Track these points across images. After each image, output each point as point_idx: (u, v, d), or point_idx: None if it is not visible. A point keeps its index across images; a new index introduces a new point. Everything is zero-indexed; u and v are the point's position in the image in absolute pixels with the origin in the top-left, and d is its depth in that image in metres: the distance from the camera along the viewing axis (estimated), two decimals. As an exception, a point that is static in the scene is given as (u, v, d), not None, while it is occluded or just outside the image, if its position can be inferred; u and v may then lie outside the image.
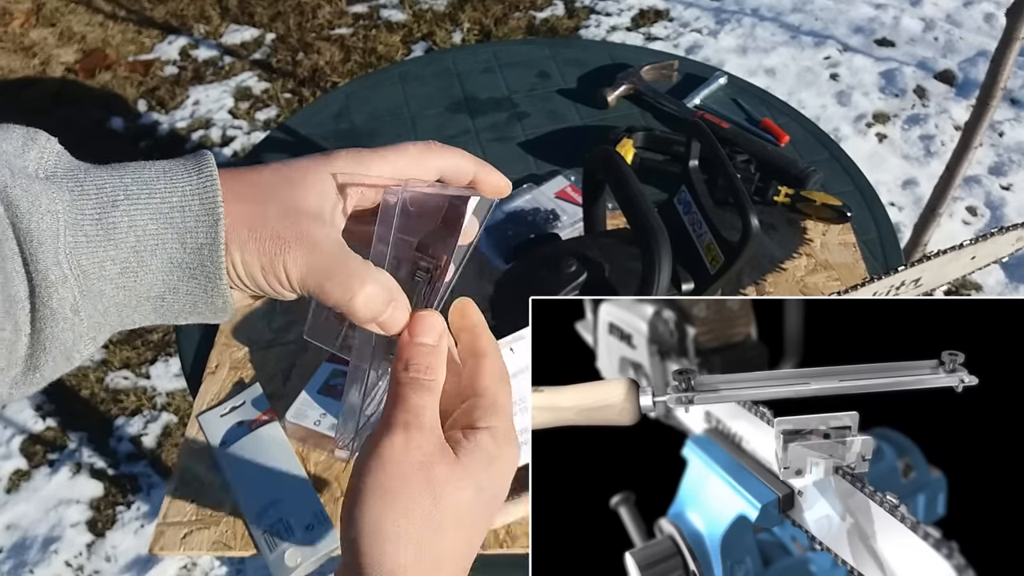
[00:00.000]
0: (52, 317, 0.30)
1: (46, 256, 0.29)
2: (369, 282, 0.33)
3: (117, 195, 0.31)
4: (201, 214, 0.32)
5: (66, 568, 1.42)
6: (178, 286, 0.33)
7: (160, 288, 0.32)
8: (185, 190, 0.32)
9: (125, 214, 0.31)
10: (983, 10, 2.47)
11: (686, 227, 0.77)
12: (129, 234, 0.31)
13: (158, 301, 0.33)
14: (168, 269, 0.32)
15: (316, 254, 0.33)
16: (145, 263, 0.31)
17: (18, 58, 2.49)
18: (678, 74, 1.19)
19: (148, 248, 0.31)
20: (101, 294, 0.31)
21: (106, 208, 0.31)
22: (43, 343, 0.31)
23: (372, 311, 0.33)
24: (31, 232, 0.29)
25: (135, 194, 0.31)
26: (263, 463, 0.74)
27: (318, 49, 2.46)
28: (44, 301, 0.30)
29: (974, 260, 0.81)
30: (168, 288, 0.32)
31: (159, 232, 0.31)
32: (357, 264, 0.33)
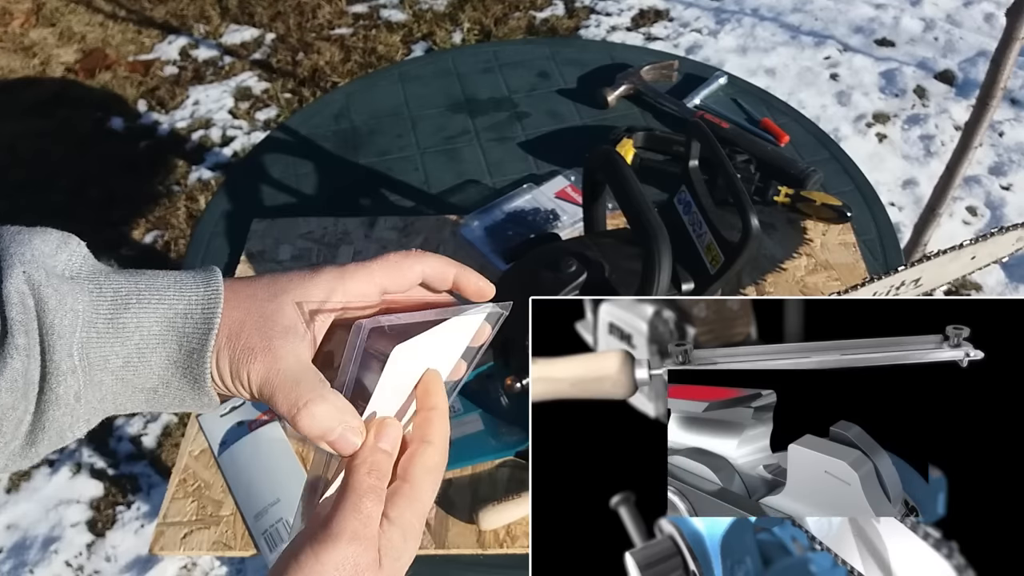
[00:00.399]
0: (56, 402, 0.34)
1: (62, 348, 0.33)
2: (318, 401, 0.35)
3: (130, 299, 0.35)
4: (200, 322, 0.35)
5: (66, 568, 1.42)
6: (171, 381, 0.36)
7: (155, 381, 0.36)
8: (191, 300, 0.36)
9: (135, 316, 0.35)
10: (983, 10, 2.47)
11: (686, 227, 0.77)
12: (135, 333, 0.35)
13: (151, 393, 0.36)
14: (165, 366, 0.36)
15: (275, 366, 0.35)
16: (146, 359, 0.35)
17: (18, 58, 2.49)
18: (678, 74, 1.19)
19: (150, 347, 0.35)
20: (101, 384, 0.35)
21: (119, 309, 0.35)
22: (44, 424, 0.34)
23: (319, 429, 0.35)
24: (53, 326, 0.33)
25: (146, 299, 0.35)
26: (263, 463, 0.74)
27: (318, 49, 2.46)
28: (52, 387, 0.33)
29: (974, 260, 0.81)
30: (162, 382, 0.36)
31: (162, 334, 0.35)
32: (310, 382, 0.35)
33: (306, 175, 1.06)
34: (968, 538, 0.39)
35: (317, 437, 0.36)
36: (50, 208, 2.03)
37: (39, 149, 2.19)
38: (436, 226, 0.96)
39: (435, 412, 0.38)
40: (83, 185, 2.09)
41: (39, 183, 2.10)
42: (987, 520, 0.40)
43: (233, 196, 1.04)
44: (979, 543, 0.36)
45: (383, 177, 1.05)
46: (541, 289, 0.66)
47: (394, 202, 1.02)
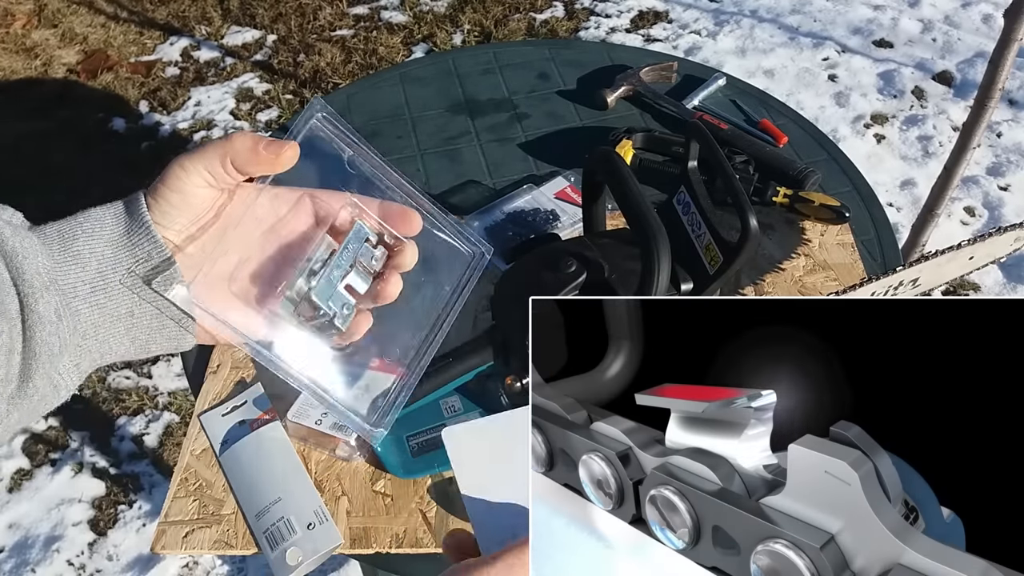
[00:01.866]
0: (40, 322, 0.35)
1: (31, 267, 0.35)
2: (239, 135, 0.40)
3: (75, 232, 0.38)
4: (141, 232, 0.38)
5: (68, 567, 1.43)
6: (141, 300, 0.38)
7: (128, 303, 0.38)
8: (126, 218, 0.39)
9: (83, 245, 0.37)
10: (981, 11, 2.47)
11: (685, 228, 0.77)
12: (91, 259, 0.37)
13: (128, 318, 0.38)
14: (128, 283, 0.38)
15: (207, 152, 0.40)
16: (108, 280, 0.38)
17: (20, 59, 2.50)
18: (677, 75, 1.19)
19: (108, 267, 0.38)
20: (78, 313, 0.37)
21: (68, 241, 0.37)
22: (33, 349, 0.35)
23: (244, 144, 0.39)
24: (16, 250, 0.35)
25: (87, 229, 0.38)
26: (264, 462, 0.74)
27: (319, 50, 2.46)
28: (32, 307, 0.35)
29: (972, 260, 0.81)
30: (133, 301, 0.38)
31: (114, 253, 0.38)
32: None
33: (307, 176, 1.07)
34: (976, 532, 0.39)
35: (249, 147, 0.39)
36: (52, 208, 2.03)
37: (41, 150, 2.19)
38: (437, 227, 0.96)
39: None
40: (85, 186, 2.09)
41: (41, 183, 2.10)
42: (987, 520, 0.40)
43: (234, 197, 1.04)
44: (980, 543, 0.37)
45: (384, 178, 1.06)
46: (541, 289, 0.66)
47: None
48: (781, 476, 0.41)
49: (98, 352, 0.38)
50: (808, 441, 0.39)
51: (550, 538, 0.47)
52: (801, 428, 0.40)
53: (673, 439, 0.47)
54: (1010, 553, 0.36)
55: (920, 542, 0.36)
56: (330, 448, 0.75)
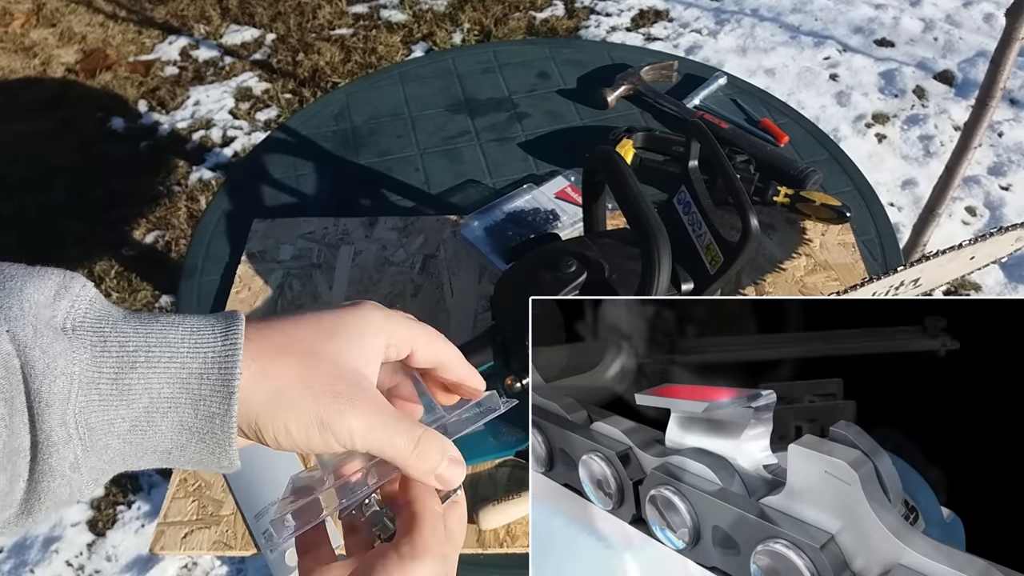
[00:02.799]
0: (50, 473, 0.31)
1: (52, 417, 0.30)
2: (428, 436, 0.35)
3: (138, 356, 0.31)
4: (218, 384, 0.31)
5: (67, 568, 1.42)
6: (186, 445, 0.33)
7: (167, 445, 0.32)
8: (207, 356, 0.32)
9: (142, 376, 0.31)
10: (982, 10, 2.47)
11: (685, 227, 0.77)
12: (143, 395, 0.31)
13: (164, 455, 0.33)
14: (178, 431, 0.32)
15: (377, 410, 0.34)
16: (155, 424, 0.32)
17: (19, 58, 2.50)
18: (678, 74, 1.19)
19: (160, 411, 0.31)
20: (107, 448, 0.31)
21: (124, 369, 0.31)
22: (39, 494, 0.31)
23: (431, 462, 0.35)
24: (41, 394, 0.30)
25: (156, 357, 0.31)
26: (263, 463, 0.74)
27: (318, 49, 2.46)
28: (44, 458, 0.30)
29: (973, 260, 0.81)
30: (176, 445, 0.32)
31: (173, 396, 0.31)
32: (408, 419, 0.35)
33: (306, 175, 1.07)
34: (973, 533, 0.39)
35: (427, 471, 0.35)
36: (51, 208, 2.04)
37: (40, 149, 2.19)
38: (436, 226, 0.96)
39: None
40: (84, 185, 2.09)
41: (40, 183, 2.10)
42: (987, 520, 0.40)
43: (234, 196, 1.04)
44: (982, 545, 0.37)
45: (383, 177, 1.06)
46: (541, 289, 0.66)
47: (394, 202, 1.02)
48: (781, 476, 0.41)
49: (122, 469, 0.33)
50: (808, 441, 0.39)
51: (550, 538, 0.47)
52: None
53: (673, 439, 0.47)
54: (1010, 553, 0.36)
55: (920, 542, 0.36)
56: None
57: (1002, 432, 0.39)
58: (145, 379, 0.31)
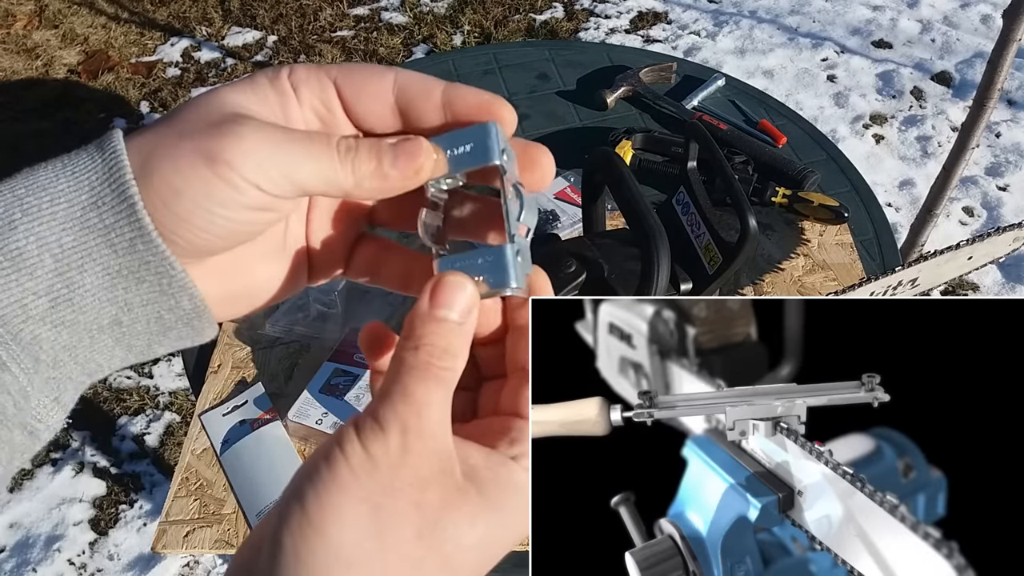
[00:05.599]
0: None
1: None
2: (362, 141, 0.27)
3: (12, 213, 0.24)
4: (117, 203, 0.25)
5: (69, 566, 1.43)
6: (129, 300, 0.26)
7: (110, 310, 0.26)
8: (92, 180, 0.25)
9: (29, 232, 0.24)
10: (980, 12, 2.48)
11: (684, 228, 0.77)
12: (43, 255, 0.24)
13: (115, 328, 0.26)
14: (108, 283, 0.25)
15: (271, 126, 0.26)
16: (77, 285, 0.25)
17: (21, 60, 2.50)
18: (676, 76, 1.19)
19: (74, 265, 0.25)
20: (36, 339, 0.25)
21: (3, 233, 0.24)
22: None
23: (370, 165, 0.27)
24: None
25: (33, 206, 0.24)
26: (265, 462, 0.75)
27: (320, 51, 2.46)
28: None
29: (971, 260, 0.81)
30: (119, 307, 0.26)
31: (79, 242, 0.25)
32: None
33: (308, 176, 1.07)
34: (968, 538, 0.39)
35: (368, 175, 0.27)
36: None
37: (42, 150, 2.19)
38: (437, 227, 0.97)
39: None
40: (84, 186, 2.09)
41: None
42: (988, 520, 0.41)
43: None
44: (979, 543, 0.37)
45: (384, 178, 1.06)
46: (541, 289, 0.67)
47: (395, 203, 1.02)
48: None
49: (83, 374, 0.27)
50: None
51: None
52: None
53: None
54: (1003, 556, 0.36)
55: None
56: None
57: (1003, 433, 0.40)
58: (35, 235, 0.24)
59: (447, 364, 0.26)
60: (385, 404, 0.25)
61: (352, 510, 0.24)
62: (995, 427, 0.40)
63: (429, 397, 0.25)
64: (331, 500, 0.24)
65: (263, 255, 0.30)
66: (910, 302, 0.44)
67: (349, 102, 0.29)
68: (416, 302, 0.27)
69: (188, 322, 0.27)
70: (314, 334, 0.85)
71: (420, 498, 0.25)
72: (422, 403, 0.25)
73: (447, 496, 0.25)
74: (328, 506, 0.24)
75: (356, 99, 0.28)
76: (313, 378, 0.79)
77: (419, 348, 0.26)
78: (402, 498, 0.24)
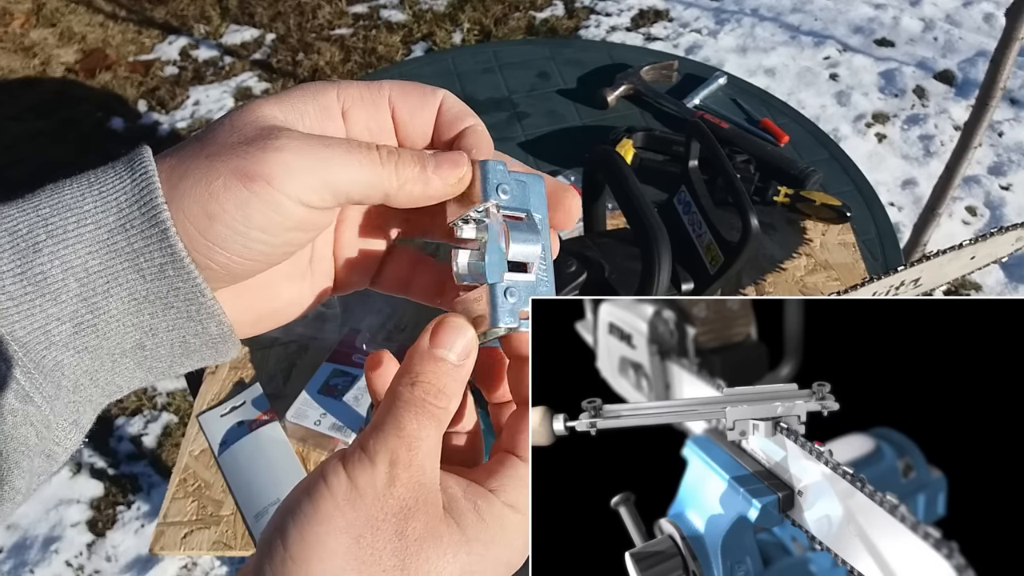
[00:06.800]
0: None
1: None
2: (403, 151, 0.28)
3: (36, 235, 0.24)
4: (146, 227, 0.24)
5: (66, 568, 1.42)
6: (154, 325, 0.25)
7: (133, 335, 0.25)
8: (121, 202, 0.24)
9: (54, 256, 0.23)
10: (982, 10, 2.47)
11: (686, 227, 0.77)
12: (68, 279, 0.24)
13: (137, 351, 0.26)
14: (134, 309, 0.25)
15: (306, 135, 0.26)
16: (101, 311, 0.24)
17: (18, 58, 2.50)
18: (678, 74, 1.19)
19: (99, 291, 0.24)
20: (59, 366, 0.24)
21: (27, 255, 0.23)
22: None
23: (413, 171, 0.28)
24: None
25: (59, 227, 0.24)
26: (263, 463, 0.74)
27: (318, 49, 2.46)
28: None
29: (973, 260, 0.81)
30: (144, 332, 0.25)
31: (105, 266, 0.24)
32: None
33: (306, 175, 1.06)
34: (968, 538, 0.39)
35: (412, 180, 0.27)
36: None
37: (39, 149, 2.19)
38: (436, 226, 0.96)
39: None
40: (83, 185, 2.09)
41: (39, 183, 2.10)
42: (987, 520, 0.40)
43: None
44: (979, 543, 0.37)
45: (383, 177, 1.05)
46: (541, 289, 0.66)
47: (394, 202, 1.02)
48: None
49: (102, 396, 0.27)
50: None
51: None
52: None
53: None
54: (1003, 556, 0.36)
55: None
56: (329, 448, 0.75)
57: (1003, 433, 0.39)
58: (59, 258, 0.23)
59: (442, 404, 0.27)
60: (377, 436, 0.25)
61: (333, 541, 0.24)
62: (995, 427, 0.39)
63: (421, 432, 0.26)
64: (313, 533, 0.24)
65: (289, 275, 0.30)
66: (912, 302, 0.43)
67: (400, 122, 0.29)
68: (417, 339, 0.28)
69: (213, 345, 0.27)
70: (312, 335, 0.85)
71: (404, 528, 0.25)
72: (413, 437, 0.26)
73: (431, 526, 0.25)
74: (310, 540, 0.24)
75: (409, 119, 0.29)
76: (311, 379, 0.78)
77: (415, 384, 0.27)
78: (385, 528, 0.24)
